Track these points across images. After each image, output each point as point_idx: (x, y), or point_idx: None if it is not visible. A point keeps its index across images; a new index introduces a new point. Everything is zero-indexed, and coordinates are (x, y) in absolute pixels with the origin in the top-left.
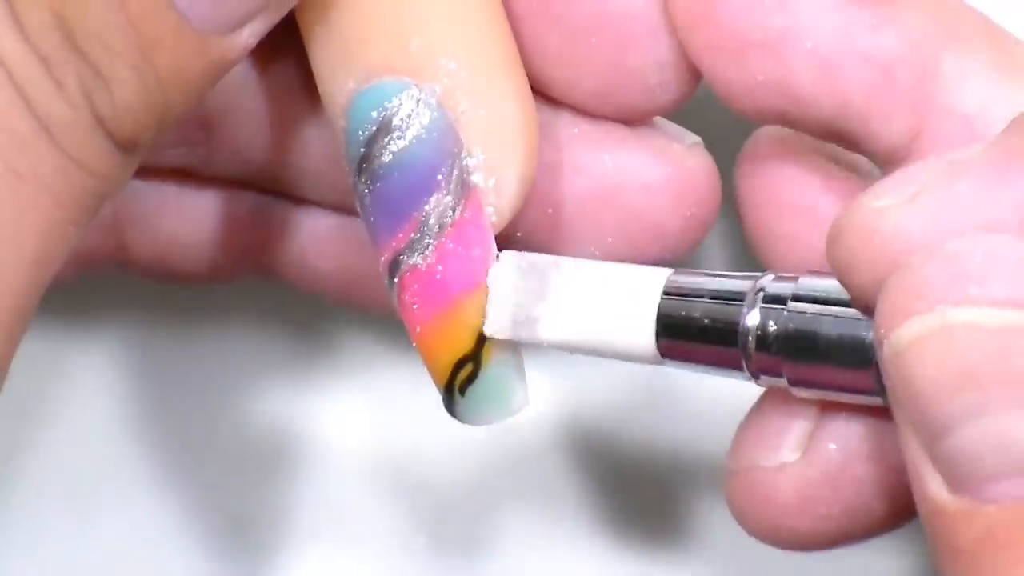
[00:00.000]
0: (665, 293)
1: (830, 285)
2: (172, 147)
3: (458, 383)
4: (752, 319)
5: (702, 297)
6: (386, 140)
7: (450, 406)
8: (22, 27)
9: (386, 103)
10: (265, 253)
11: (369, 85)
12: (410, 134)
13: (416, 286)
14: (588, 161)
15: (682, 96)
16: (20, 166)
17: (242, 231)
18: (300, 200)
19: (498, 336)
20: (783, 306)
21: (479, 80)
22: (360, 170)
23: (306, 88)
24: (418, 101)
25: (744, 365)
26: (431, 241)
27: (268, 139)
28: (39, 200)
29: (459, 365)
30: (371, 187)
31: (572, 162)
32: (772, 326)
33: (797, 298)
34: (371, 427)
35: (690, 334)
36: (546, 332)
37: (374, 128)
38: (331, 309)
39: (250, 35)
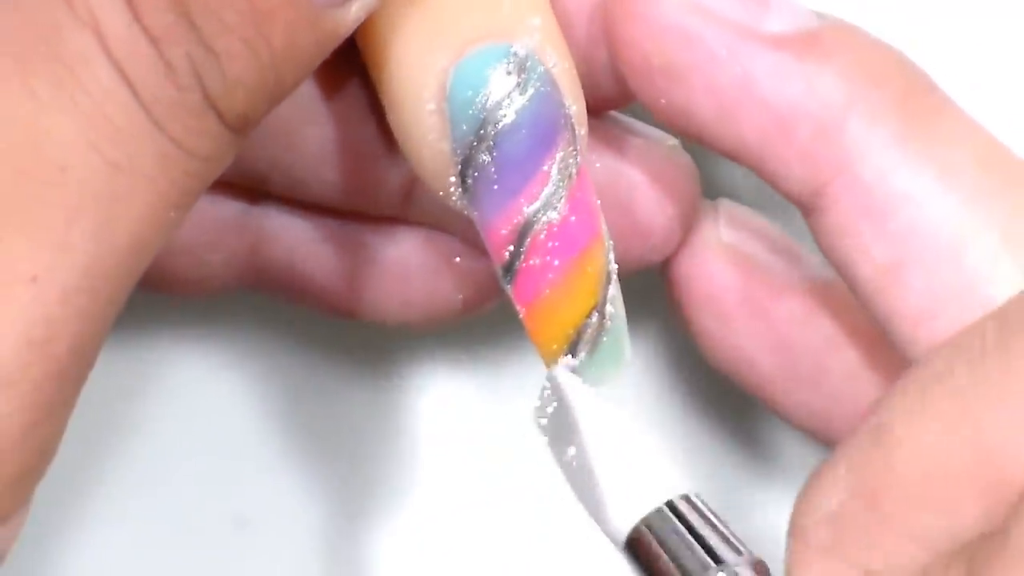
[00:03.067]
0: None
1: None
2: None
3: (587, 337)
4: None
5: (678, 544)
6: (506, 102)
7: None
8: (134, 8)
9: (495, 66)
10: (254, 258)
11: (467, 55)
12: (528, 91)
13: (553, 243)
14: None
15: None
16: (119, 158)
17: (229, 234)
18: (288, 201)
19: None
20: None
21: (556, 34)
22: (478, 140)
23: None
24: (525, 58)
25: None
26: (563, 192)
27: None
28: (137, 190)
29: (588, 317)
30: (494, 153)
31: None
32: None
33: None
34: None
35: (651, 561)
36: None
37: (489, 93)
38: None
39: (359, 8)
